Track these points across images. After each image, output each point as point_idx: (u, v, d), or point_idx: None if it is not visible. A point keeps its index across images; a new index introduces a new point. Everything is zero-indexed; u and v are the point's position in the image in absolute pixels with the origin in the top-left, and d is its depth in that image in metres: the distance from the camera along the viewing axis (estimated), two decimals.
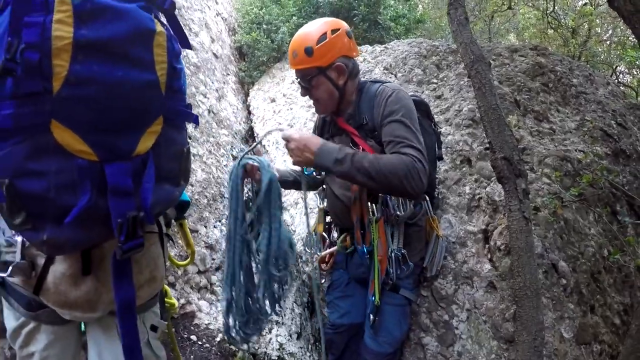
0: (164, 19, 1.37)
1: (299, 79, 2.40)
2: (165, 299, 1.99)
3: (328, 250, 2.68)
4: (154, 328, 1.74)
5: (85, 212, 1.14)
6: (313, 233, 2.78)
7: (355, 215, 2.39)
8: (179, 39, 1.41)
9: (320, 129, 2.66)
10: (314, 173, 2.58)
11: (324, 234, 2.74)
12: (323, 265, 2.79)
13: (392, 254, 2.38)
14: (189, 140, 4.24)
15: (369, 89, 2.40)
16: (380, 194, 2.36)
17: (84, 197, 1.14)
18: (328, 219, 2.82)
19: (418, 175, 1.98)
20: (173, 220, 1.93)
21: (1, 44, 1.06)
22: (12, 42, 1.04)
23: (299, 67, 2.31)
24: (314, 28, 2.31)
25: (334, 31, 2.29)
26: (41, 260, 1.39)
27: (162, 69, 1.26)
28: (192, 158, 4.52)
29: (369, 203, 2.37)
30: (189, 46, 1.49)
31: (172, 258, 2.02)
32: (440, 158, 2.86)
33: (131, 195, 1.23)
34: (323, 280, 2.89)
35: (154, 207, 1.33)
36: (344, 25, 2.38)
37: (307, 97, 2.44)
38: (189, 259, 2.21)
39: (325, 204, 2.74)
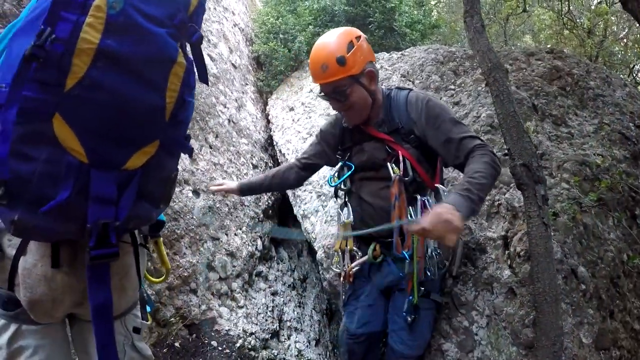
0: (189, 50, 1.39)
1: (327, 93, 2.37)
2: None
3: (355, 263, 2.58)
4: (136, 330, 1.76)
5: (60, 207, 1.17)
6: (339, 251, 2.68)
7: (395, 220, 2.33)
8: (199, 72, 1.44)
9: (340, 138, 2.65)
10: (341, 184, 2.60)
11: (355, 248, 2.62)
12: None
13: (433, 254, 2.43)
14: (209, 150, 4.32)
15: (398, 95, 2.47)
16: (418, 196, 2.38)
17: (63, 193, 1.17)
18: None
19: (493, 154, 2.16)
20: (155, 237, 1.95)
21: (34, 27, 1.12)
22: (45, 30, 1.10)
23: (331, 79, 2.27)
24: (336, 38, 2.29)
25: (357, 38, 2.31)
26: (12, 252, 1.41)
27: (171, 97, 1.29)
28: (213, 167, 4.62)
29: (408, 206, 2.37)
30: (206, 81, 1.51)
31: (146, 274, 2.02)
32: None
33: (112, 204, 1.26)
34: (343, 296, 2.85)
35: (129, 221, 1.35)
36: (360, 31, 2.41)
37: (339, 108, 2.44)
38: (163, 277, 2.22)
39: (351, 217, 2.63)
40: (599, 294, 2.60)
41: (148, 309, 2.05)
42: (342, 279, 2.68)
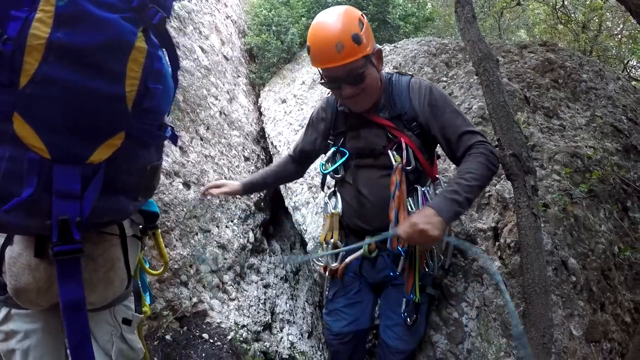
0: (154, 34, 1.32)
1: (340, 78, 2.13)
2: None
3: (350, 257, 2.45)
4: (126, 321, 1.74)
5: (25, 204, 1.16)
6: (324, 242, 2.53)
7: (393, 213, 2.21)
8: (169, 56, 1.39)
9: (332, 123, 2.47)
10: (332, 172, 2.44)
11: (339, 242, 2.47)
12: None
13: (433, 247, 2.36)
14: (200, 142, 4.29)
15: (400, 80, 2.34)
16: (418, 187, 2.30)
17: (27, 190, 1.16)
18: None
19: (491, 153, 2.08)
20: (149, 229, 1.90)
21: None
22: None
23: (347, 60, 2.03)
24: (344, 16, 2.07)
25: (363, 15, 2.15)
26: (0, 240, 1.42)
27: (132, 85, 1.24)
28: (204, 159, 4.59)
29: (407, 197, 2.27)
30: (177, 65, 1.46)
31: (142, 264, 1.98)
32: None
33: (75, 199, 1.23)
34: (327, 292, 2.70)
35: (101, 215, 1.33)
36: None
37: (351, 94, 2.18)
38: (162, 269, 2.18)
39: (339, 209, 2.49)
40: (589, 286, 2.61)
41: (148, 301, 2.03)
42: (326, 273, 2.56)
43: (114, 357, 1.67)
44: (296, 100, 5.75)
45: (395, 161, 2.23)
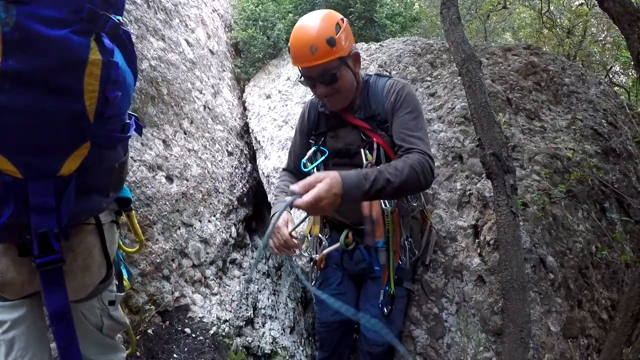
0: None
1: (314, 77, 2.25)
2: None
3: (327, 250, 2.55)
4: (112, 303, 1.90)
5: (7, 224, 1.23)
6: (308, 235, 2.71)
7: (367, 209, 2.28)
8: (127, 60, 1.36)
9: (315, 123, 2.56)
10: (314, 169, 2.45)
11: (320, 235, 2.62)
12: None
13: (405, 243, 2.43)
14: (184, 136, 4.26)
15: (377, 81, 2.42)
16: None
17: (7, 211, 1.22)
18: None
19: (429, 168, 2.07)
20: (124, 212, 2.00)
21: None
22: None
23: (320, 61, 2.16)
24: (322, 20, 2.19)
25: (342, 19, 2.24)
26: None
27: (91, 99, 1.22)
28: (187, 153, 4.57)
29: None
30: (135, 68, 1.43)
31: (120, 245, 2.10)
32: None
33: (52, 212, 1.29)
34: (313, 282, 2.76)
35: (75, 219, 1.42)
36: (340, 14, 2.32)
37: (324, 93, 2.29)
38: (138, 247, 2.31)
39: None
40: (567, 284, 2.65)
41: (125, 275, 2.19)
42: (312, 264, 2.68)
43: (104, 331, 1.87)
44: (281, 96, 5.75)
45: (367, 160, 2.31)
